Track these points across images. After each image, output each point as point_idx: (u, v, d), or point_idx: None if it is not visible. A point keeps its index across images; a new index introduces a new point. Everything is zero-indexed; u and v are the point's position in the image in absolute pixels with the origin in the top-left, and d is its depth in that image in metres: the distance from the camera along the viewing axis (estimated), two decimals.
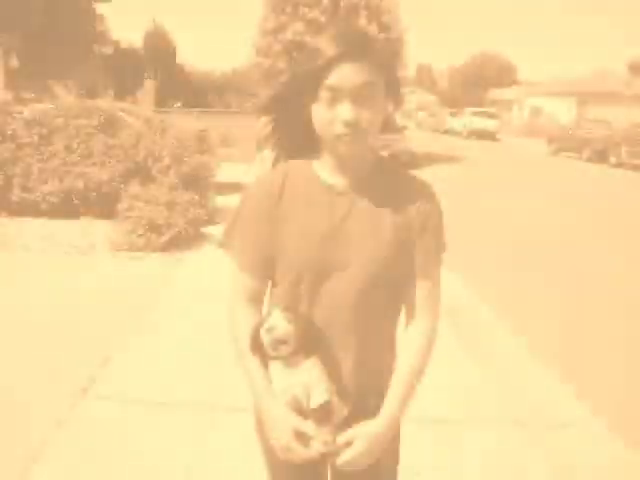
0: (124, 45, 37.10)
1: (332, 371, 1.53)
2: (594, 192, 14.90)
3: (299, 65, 1.52)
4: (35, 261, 6.50)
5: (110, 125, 9.07)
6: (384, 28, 18.20)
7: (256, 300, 1.64)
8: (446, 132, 43.31)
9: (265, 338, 1.46)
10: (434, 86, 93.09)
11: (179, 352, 4.27)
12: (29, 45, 18.42)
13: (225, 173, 10.81)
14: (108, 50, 33.96)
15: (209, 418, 3.41)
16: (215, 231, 7.90)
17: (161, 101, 33.55)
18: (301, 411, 1.49)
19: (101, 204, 8.46)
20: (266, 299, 1.66)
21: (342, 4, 16.76)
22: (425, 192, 1.62)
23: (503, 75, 75.75)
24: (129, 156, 8.59)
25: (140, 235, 7.01)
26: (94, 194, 8.45)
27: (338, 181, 1.57)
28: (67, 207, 8.50)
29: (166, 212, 7.18)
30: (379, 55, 1.47)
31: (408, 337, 1.63)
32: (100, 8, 29.59)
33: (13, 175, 8.54)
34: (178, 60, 48.80)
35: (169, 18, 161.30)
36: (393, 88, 1.53)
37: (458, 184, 14.30)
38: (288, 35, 16.63)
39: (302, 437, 1.48)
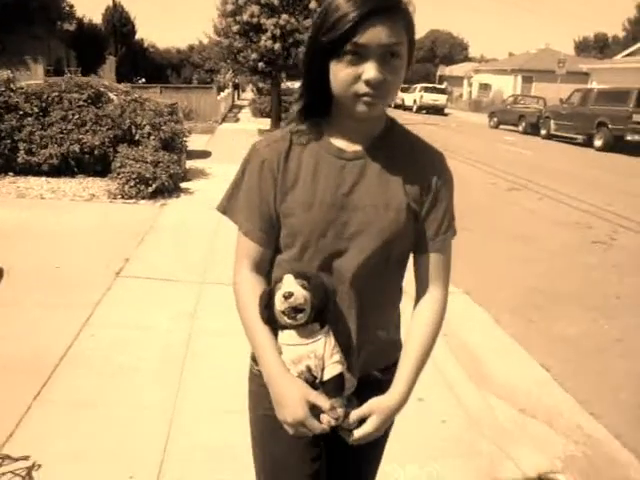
0: (86, 22, 38.03)
1: (341, 342, 1.47)
2: (508, 155, 17.04)
3: (321, 25, 1.37)
4: (53, 205, 8.31)
5: (98, 99, 10.81)
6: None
7: (261, 267, 1.56)
8: (398, 107, 45.14)
9: (281, 305, 1.38)
10: None
11: (172, 252, 6.22)
12: (2, 24, 19.70)
13: (189, 143, 12.59)
14: (71, 27, 34.95)
15: (198, 290, 5.34)
16: (189, 185, 9.86)
17: (121, 77, 34.80)
18: (312, 383, 1.42)
19: (94, 165, 10.27)
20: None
21: None
22: (438, 161, 1.56)
23: (455, 52, 78.09)
24: (116, 124, 10.36)
25: (132, 186, 8.83)
26: (88, 156, 10.22)
27: (349, 145, 1.50)
28: (65, 168, 10.27)
29: (152, 168, 9.00)
30: (408, 14, 1.38)
31: (419, 309, 1.58)
32: None
33: (18, 140, 10.25)
34: (137, 37, 49.75)
35: None
36: (411, 51, 1.42)
37: None
38: (245, 17, 18.30)
39: (315, 411, 1.41)
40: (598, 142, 20.46)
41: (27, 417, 3.17)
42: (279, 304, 1.38)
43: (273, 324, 1.44)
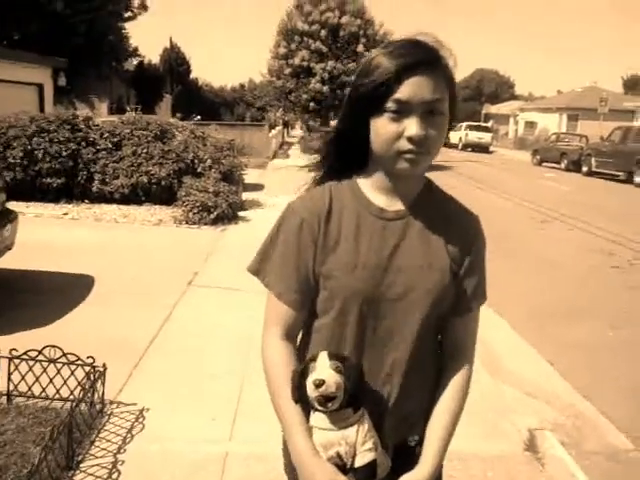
0: (145, 62, 40.13)
1: (376, 418, 1.43)
2: (555, 193, 17.67)
3: (360, 80, 1.37)
4: (126, 228, 9.40)
5: (163, 135, 11.98)
6: None
7: (292, 333, 1.52)
8: (444, 145, 45.89)
9: (312, 392, 1.32)
10: None
11: (234, 267, 7.14)
12: (72, 65, 21.31)
13: (244, 176, 13.62)
14: (131, 67, 37.00)
15: (257, 298, 6.23)
16: (245, 214, 10.86)
17: (176, 113, 36.55)
18: (343, 467, 1.37)
19: (160, 194, 11.39)
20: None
21: (341, 34, 19.69)
22: (475, 223, 1.54)
23: (501, 91, 78.80)
24: (180, 158, 11.49)
25: (195, 213, 9.88)
26: (155, 187, 11.35)
27: (389, 204, 1.46)
28: (133, 197, 11.41)
29: (213, 197, 10.04)
30: (449, 69, 1.37)
31: (446, 377, 1.53)
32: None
33: (94, 172, 11.44)
34: (192, 76, 51.91)
35: (183, 36, 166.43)
36: (453, 106, 1.39)
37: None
38: (296, 61, 19.57)
39: None
40: (638, 178, 20.95)
41: (130, 379, 4.10)
42: (310, 391, 1.33)
43: (304, 404, 1.39)
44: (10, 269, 6.03)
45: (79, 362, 3.61)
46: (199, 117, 27.49)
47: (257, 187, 14.74)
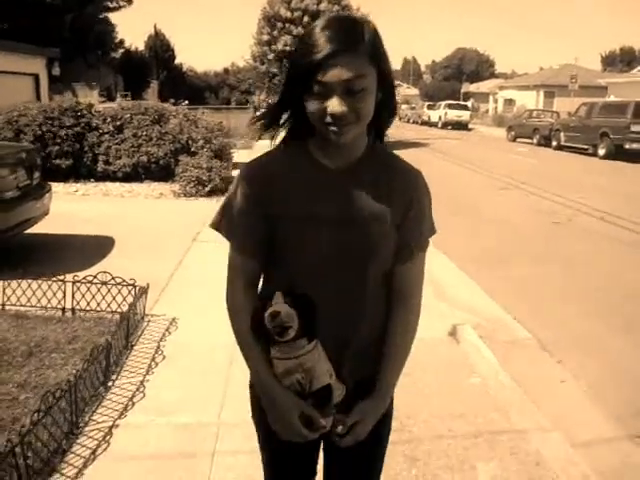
0: (132, 50, 41.04)
1: (331, 347, 1.57)
2: (510, 162, 19.05)
3: (294, 61, 1.54)
4: (132, 201, 10.72)
5: (160, 119, 13.22)
6: None
7: (253, 283, 1.67)
8: (424, 123, 46.98)
9: (269, 324, 1.47)
10: (420, 80, 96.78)
11: None
12: (63, 55, 22.39)
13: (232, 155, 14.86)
14: (118, 55, 37.96)
15: None
16: None
17: (163, 99, 37.50)
18: (302, 393, 1.55)
19: (159, 172, 12.67)
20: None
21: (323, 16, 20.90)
22: (415, 178, 1.68)
23: (481, 69, 79.97)
24: (176, 139, 12.75)
25: (191, 187, 11.18)
26: (154, 165, 12.63)
27: (334, 163, 1.61)
28: (135, 175, 12.68)
29: (207, 173, 11.34)
30: (370, 46, 1.47)
31: (395, 318, 1.70)
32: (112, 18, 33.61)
33: (98, 154, 12.69)
34: (176, 62, 52.74)
35: (167, 24, 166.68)
36: (384, 78, 1.52)
37: (407, 160, 18.44)
38: (279, 46, 20.77)
39: (305, 419, 1.56)
40: (601, 151, 22.34)
41: (159, 302, 5.43)
42: (267, 322, 1.46)
43: (265, 339, 1.53)
44: (46, 233, 7.34)
45: (125, 283, 4.95)
46: (187, 102, 28.55)
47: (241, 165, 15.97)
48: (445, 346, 4.77)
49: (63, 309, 5.01)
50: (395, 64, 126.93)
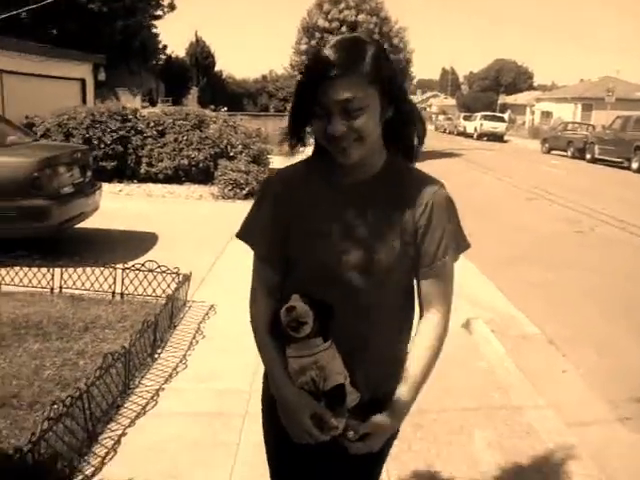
0: (173, 57, 42.03)
1: (344, 358, 1.58)
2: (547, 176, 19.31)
3: (298, 81, 1.59)
4: (174, 201, 11.34)
5: (201, 124, 13.85)
6: (395, 50, 22.91)
7: (272, 290, 1.71)
8: (460, 134, 47.18)
9: (285, 318, 1.52)
10: (457, 90, 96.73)
11: None
12: (108, 61, 23.24)
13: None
14: (160, 61, 38.92)
15: None
16: None
17: (203, 105, 38.40)
18: (316, 393, 1.57)
19: (198, 175, 13.29)
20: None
21: (359, 31, 21.37)
22: (430, 191, 1.63)
23: (519, 81, 79.74)
24: (216, 144, 13.36)
25: (230, 190, 11.76)
26: (194, 168, 13.26)
27: (349, 181, 1.64)
28: (176, 177, 13.31)
29: (245, 176, 11.91)
30: (371, 66, 1.49)
31: (420, 332, 1.68)
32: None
33: (141, 156, 13.35)
34: (216, 69, 53.69)
35: (208, 31, 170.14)
36: (392, 97, 1.56)
37: (440, 170, 18.86)
38: None
39: (318, 421, 1.56)
40: (635, 164, 22.46)
41: (200, 289, 5.96)
42: (283, 317, 1.52)
43: (281, 339, 1.59)
44: (93, 228, 7.95)
45: (169, 271, 5.49)
46: (226, 109, 29.28)
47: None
48: (458, 336, 5.19)
49: (113, 293, 5.57)
50: (433, 74, 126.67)
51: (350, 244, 1.61)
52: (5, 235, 6.24)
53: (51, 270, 5.72)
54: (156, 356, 4.42)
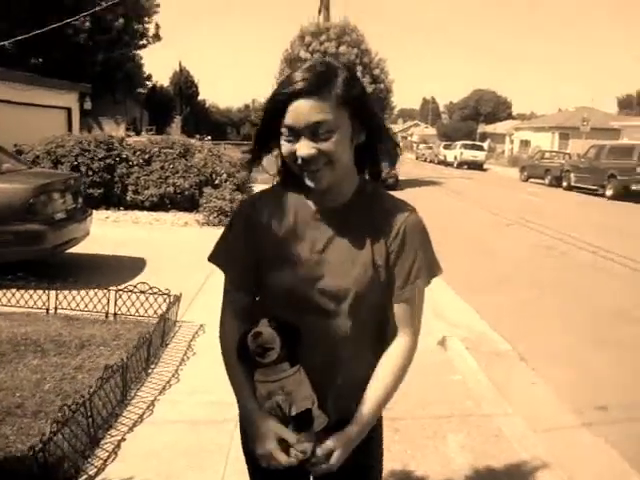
0: (157, 86, 42.60)
1: (315, 382, 1.59)
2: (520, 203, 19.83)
3: (266, 103, 1.59)
4: (160, 228, 11.62)
5: (186, 153, 14.19)
6: (375, 80, 23.52)
7: (242, 314, 1.73)
8: (441, 162, 47.87)
9: (251, 344, 1.53)
10: (438, 119, 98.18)
11: None
12: (93, 90, 23.63)
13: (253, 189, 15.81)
14: (144, 90, 39.48)
15: None
16: None
17: (186, 134, 38.88)
18: (283, 418, 1.57)
19: (184, 202, 13.60)
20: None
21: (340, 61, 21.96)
22: (405, 216, 1.64)
23: (498, 110, 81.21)
24: (201, 172, 13.70)
25: (215, 217, 12.07)
26: (179, 196, 13.57)
27: (324, 205, 1.64)
28: (161, 204, 13.61)
29: (230, 204, 12.23)
30: (340, 91, 1.49)
31: (387, 354, 1.69)
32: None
33: (127, 184, 13.64)
34: (200, 98, 54.38)
35: (192, 61, 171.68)
36: (364, 121, 1.56)
37: (420, 198, 19.30)
38: None
39: (283, 444, 1.56)
40: (609, 192, 23.09)
41: (189, 310, 6.23)
42: (249, 343, 1.54)
43: (248, 363, 1.60)
44: (84, 253, 8.21)
45: (160, 292, 5.77)
46: (209, 137, 29.73)
47: None
48: (434, 353, 5.51)
49: (106, 313, 5.84)
50: (414, 104, 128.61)
51: (321, 270, 1.62)
52: (1, 258, 6.49)
53: (46, 292, 5.98)
54: (150, 371, 4.69)
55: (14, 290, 6.04)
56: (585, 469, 3.78)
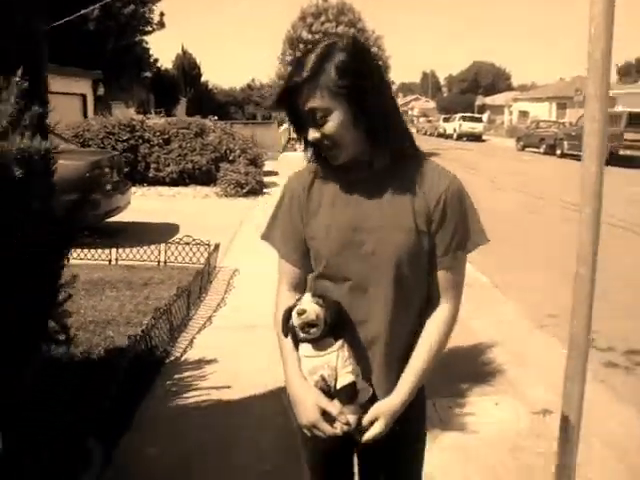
0: (162, 69, 43.65)
1: (359, 355, 1.64)
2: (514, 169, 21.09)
3: (278, 97, 1.64)
4: (183, 200, 13.01)
5: (202, 132, 15.49)
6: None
7: (296, 287, 1.78)
8: (440, 135, 48.74)
9: (296, 321, 1.57)
10: (439, 92, 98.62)
11: (265, 218, 10.69)
12: (104, 77, 24.83)
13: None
14: (150, 74, 40.51)
15: None
16: (267, 190, 14.35)
17: (191, 115, 39.86)
18: (328, 391, 1.61)
19: (201, 178, 14.94)
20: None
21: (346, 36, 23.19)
22: (448, 183, 1.65)
23: (498, 82, 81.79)
24: (216, 149, 15.02)
25: (232, 189, 13.42)
26: (197, 172, 14.92)
27: (359, 175, 1.67)
28: (181, 180, 14.95)
29: (245, 177, 13.57)
30: (333, 76, 1.52)
31: (430, 320, 1.70)
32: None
33: (149, 162, 14.97)
34: (203, 79, 55.31)
35: (194, 43, 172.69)
36: (363, 105, 1.55)
37: None
38: None
39: (328, 416, 1.60)
40: None
41: (224, 259, 7.58)
42: (294, 320, 1.57)
43: (293, 338, 1.64)
44: (126, 221, 9.57)
45: (202, 243, 7.12)
46: (216, 118, 30.91)
47: (272, 173, 18.21)
48: None
49: (158, 262, 7.20)
50: (414, 78, 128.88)
51: (366, 237, 1.64)
52: None
53: (108, 249, 7.35)
54: (203, 298, 6.06)
55: (80, 249, 7.40)
56: (536, 362, 5.10)
